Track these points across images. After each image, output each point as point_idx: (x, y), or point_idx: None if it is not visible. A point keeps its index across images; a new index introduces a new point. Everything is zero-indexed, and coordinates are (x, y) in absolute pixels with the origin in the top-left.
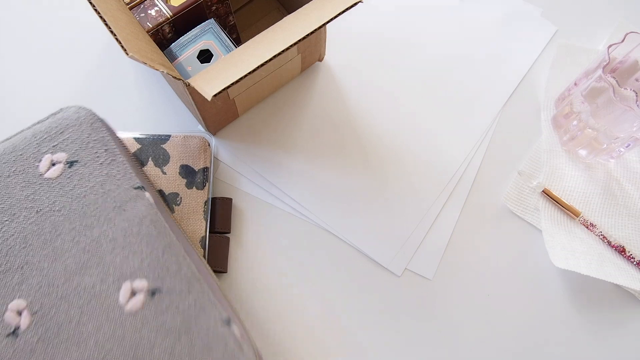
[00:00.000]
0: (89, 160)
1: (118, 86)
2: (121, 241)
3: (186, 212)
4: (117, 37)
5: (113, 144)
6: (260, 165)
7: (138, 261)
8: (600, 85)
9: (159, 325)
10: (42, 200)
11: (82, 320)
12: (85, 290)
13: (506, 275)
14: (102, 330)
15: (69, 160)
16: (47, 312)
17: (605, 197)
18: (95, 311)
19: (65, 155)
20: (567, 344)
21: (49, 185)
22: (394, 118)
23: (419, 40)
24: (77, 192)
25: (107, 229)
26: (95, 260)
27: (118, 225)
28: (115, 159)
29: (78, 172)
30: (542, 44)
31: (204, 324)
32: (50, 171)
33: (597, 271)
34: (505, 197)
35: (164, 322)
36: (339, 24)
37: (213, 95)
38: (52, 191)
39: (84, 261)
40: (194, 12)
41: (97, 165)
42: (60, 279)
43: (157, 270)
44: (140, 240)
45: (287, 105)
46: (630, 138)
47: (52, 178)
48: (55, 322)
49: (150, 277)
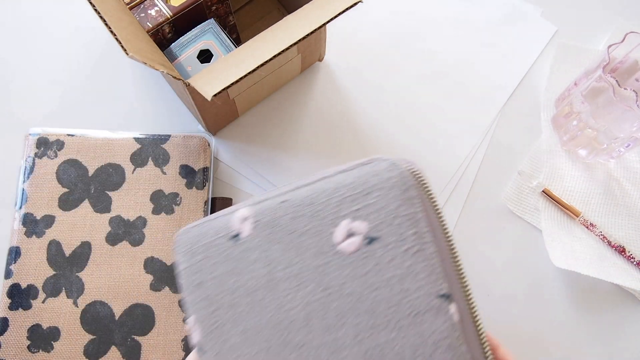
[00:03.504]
0: (392, 242)
1: (118, 86)
2: (408, 359)
3: (186, 212)
4: (117, 37)
5: (425, 227)
6: (260, 165)
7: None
8: (600, 85)
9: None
10: (331, 276)
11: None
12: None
13: (506, 275)
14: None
15: (369, 235)
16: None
17: (605, 197)
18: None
19: (366, 227)
20: (567, 344)
21: (341, 261)
22: (394, 118)
23: (419, 40)
24: (370, 280)
25: (396, 338)
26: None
27: (409, 338)
28: (424, 249)
29: (376, 254)
30: (542, 44)
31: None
32: (346, 243)
33: (597, 271)
34: (505, 197)
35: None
36: (339, 24)
37: (213, 95)
38: (343, 269)
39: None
40: (194, 12)
41: (400, 251)
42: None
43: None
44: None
45: (287, 105)
46: (630, 138)
47: (345, 253)
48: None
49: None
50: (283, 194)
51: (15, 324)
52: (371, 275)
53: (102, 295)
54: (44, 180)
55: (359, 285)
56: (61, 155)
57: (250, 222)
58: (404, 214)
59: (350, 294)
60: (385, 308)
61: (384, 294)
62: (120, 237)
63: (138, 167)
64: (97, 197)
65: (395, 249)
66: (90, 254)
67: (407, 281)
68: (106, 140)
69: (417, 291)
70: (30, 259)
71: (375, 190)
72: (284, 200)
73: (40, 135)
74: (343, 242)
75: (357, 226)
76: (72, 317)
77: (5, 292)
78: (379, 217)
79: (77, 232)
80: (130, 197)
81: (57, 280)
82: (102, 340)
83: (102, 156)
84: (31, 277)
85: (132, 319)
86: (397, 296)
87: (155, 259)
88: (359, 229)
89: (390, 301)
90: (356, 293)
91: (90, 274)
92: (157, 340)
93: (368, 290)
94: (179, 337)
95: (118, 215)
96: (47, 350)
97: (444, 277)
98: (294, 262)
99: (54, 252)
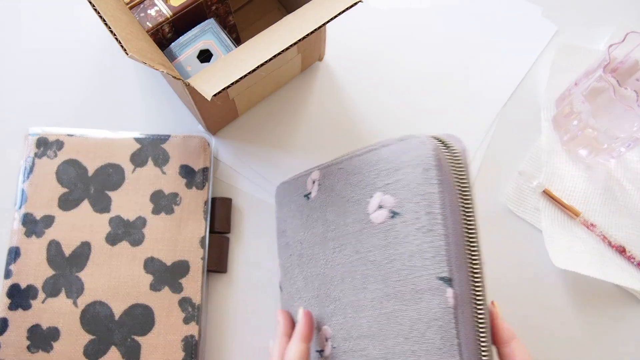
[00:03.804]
0: (409, 219)
1: (118, 86)
2: (406, 331)
3: (186, 212)
4: (117, 37)
5: (438, 207)
6: (260, 165)
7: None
8: (600, 85)
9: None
10: (362, 243)
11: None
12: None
13: (506, 275)
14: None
15: (394, 209)
16: (337, 355)
17: (605, 197)
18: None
19: (393, 202)
20: (567, 344)
21: (372, 230)
22: (394, 117)
23: (419, 40)
24: (388, 251)
25: (400, 309)
26: (380, 337)
27: (409, 311)
28: (433, 229)
29: (396, 228)
30: (542, 44)
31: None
32: (376, 214)
33: (597, 271)
34: (505, 197)
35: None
36: (339, 23)
37: (213, 95)
38: (372, 238)
39: (373, 331)
40: (193, 12)
41: (413, 229)
42: (354, 334)
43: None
44: (421, 345)
45: (287, 105)
46: (631, 138)
47: (375, 223)
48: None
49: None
50: (342, 162)
51: (15, 324)
52: (390, 247)
53: (101, 295)
54: (43, 180)
55: (379, 255)
56: (61, 155)
57: (317, 184)
58: (422, 192)
59: (373, 262)
60: (396, 280)
61: (397, 267)
62: (120, 237)
63: (138, 167)
64: (97, 197)
65: (411, 226)
66: (90, 254)
67: (415, 258)
68: (106, 140)
69: (421, 269)
70: (30, 259)
71: (404, 167)
72: (341, 168)
73: (40, 135)
74: (374, 212)
75: (386, 199)
76: (71, 317)
77: (4, 292)
78: (403, 194)
79: (77, 232)
80: (130, 197)
81: (56, 280)
82: (102, 341)
83: (102, 156)
84: (31, 277)
85: (131, 319)
86: (405, 271)
87: (155, 259)
88: (387, 202)
89: (400, 274)
90: (377, 262)
91: (90, 274)
92: (157, 340)
93: (386, 261)
94: (179, 337)
95: (118, 215)
96: (47, 351)
97: (446, 261)
98: (340, 225)
99: (54, 252)
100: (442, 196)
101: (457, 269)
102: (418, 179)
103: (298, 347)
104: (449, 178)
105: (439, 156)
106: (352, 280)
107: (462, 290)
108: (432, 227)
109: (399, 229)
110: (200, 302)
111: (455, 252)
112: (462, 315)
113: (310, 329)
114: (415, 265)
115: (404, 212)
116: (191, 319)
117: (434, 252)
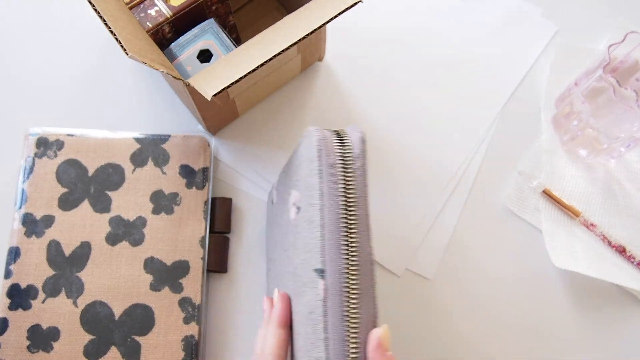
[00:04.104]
0: (304, 213)
1: (118, 86)
2: (306, 329)
3: (186, 212)
4: (117, 37)
5: (317, 198)
6: (260, 165)
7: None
8: (600, 85)
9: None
10: (284, 241)
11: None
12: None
13: (506, 275)
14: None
15: (298, 204)
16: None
17: (605, 197)
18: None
19: (299, 197)
20: (567, 344)
21: (289, 227)
22: (394, 118)
23: (419, 40)
24: (296, 246)
25: (299, 307)
26: (300, 333)
27: (301, 306)
28: (314, 221)
29: (299, 222)
30: (542, 44)
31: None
32: (291, 211)
33: (597, 271)
34: (505, 197)
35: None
36: (339, 23)
37: (213, 95)
38: (289, 235)
39: (297, 330)
40: (193, 12)
41: (305, 222)
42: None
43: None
44: (306, 341)
45: (287, 105)
46: (631, 138)
47: (291, 220)
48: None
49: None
50: (285, 165)
51: (15, 324)
52: (296, 242)
53: (101, 295)
54: (43, 180)
55: (292, 251)
56: (61, 155)
57: (274, 189)
58: (309, 185)
59: (289, 258)
60: (296, 276)
61: (297, 262)
62: (120, 237)
63: (138, 167)
64: (97, 197)
65: (304, 219)
66: (90, 254)
67: (305, 251)
68: (106, 140)
69: (306, 262)
70: (30, 259)
71: (302, 161)
72: (283, 171)
73: (40, 135)
74: (291, 210)
75: (295, 196)
76: (71, 317)
77: (4, 292)
78: (302, 188)
79: (77, 232)
80: (130, 197)
81: (56, 280)
82: (102, 341)
83: (102, 156)
84: (31, 277)
85: (132, 319)
86: (301, 264)
87: (155, 259)
88: (295, 197)
89: (297, 269)
90: (291, 258)
91: (90, 274)
92: (157, 340)
93: (294, 256)
94: (179, 337)
95: (118, 215)
96: (47, 351)
97: (320, 252)
98: (281, 225)
99: (54, 252)
100: (320, 186)
101: (331, 260)
102: (306, 171)
103: (275, 333)
104: (332, 168)
105: (321, 147)
106: (282, 279)
107: (333, 281)
108: (313, 219)
109: (299, 224)
110: (200, 302)
111: (330, 242)
112: (331, 309)
113: (286, 312)
114: (305, 259)
115: (302, 206)
116: (191, 319)
117: (313, 243)
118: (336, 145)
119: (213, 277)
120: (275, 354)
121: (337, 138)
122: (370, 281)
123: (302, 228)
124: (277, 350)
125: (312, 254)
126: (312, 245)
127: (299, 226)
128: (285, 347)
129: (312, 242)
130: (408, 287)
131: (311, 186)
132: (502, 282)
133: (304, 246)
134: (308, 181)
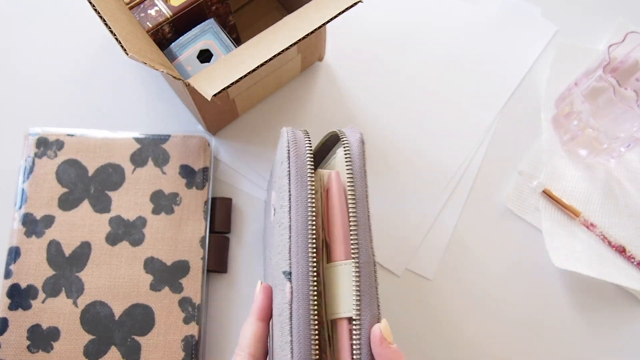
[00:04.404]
0: (277, 217)
1: (118, 86)
2: (282, 332)
3: (186, 212)
4: (117, 37)
5: (286, 200)
6: (260, 165)
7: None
8: (600, 85)
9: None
10: (266, 242)
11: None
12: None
13: (506, 275)
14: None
15: (275, 205)
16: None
17: (605, 197)
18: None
19: (275, 197)
20: (567, 344)
21: (271, 225)
22: (394, 118)
23: (419, 40)
24: (274, 244)
25: (280, 303)
26: (278, 333)
27: (275, 309)
28: (283, 222)
29: (274, 225)
30: (542, 44)
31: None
32: (272, 212)
33: (597, 271)
34: (505, 197)
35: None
36: (339, 23)
37: (213, 95)
38: (271, 233)
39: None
40: (193, 12)
41: (277, 225)
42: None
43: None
44: (277, 335)
45: (287, 105)
46: (631, 138)
47: (271, 220)
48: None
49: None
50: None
51: (15, 324)
52: (273, 242)
53: (102, 295)
54: (43, 180)
55: (270, 248)
56: (61, 155)
57: (266, 192)
58: (281, 186)
59: (270, 260)
60: (274, 274)
61: (274, 261)
62: (120, 237)
63: (138, 167)
64: (97, 197)
65: (276, 221)
66: (90, 254)
67: (277, 252)
68: (106, 140)
69: (278, 264)
70: (30, 259)
71: (277, 162)
72: (273, 172)
73: (40, 135)
74: (271, 210)
75: (274, 196)
76: (72, 317)
77: (5, 292)
78: (277, 188)
79: (77, 232)
80: (130, 197)
81: (56, 280)
82: (102, 341)
83: (102, 156)
84: (31, 277)
85: (132, 319)
86: (275, 265)
87: (155, 259)
88: (274, 199)
89: (275, 269)
90: (270, 256)
91: (90, 274)
92: (157, 340)
93: (272, 255)
94: (179, 337)
95: (118, 215)
96: (47, 351)
97: (288, 253)
98: (268, 227)
99: (54, 252)
100: (289, 187)
101: (297, 262)
102: (279, 172)
103: (253, 326)
104: (300, 169)
105: (289, 148)
106: (268, 279)
107: (299, 284)
108: (283, 220)
109: (275, 225)
110: (200, 302)
111: (297, 244)
112: (296, 311)
113: (267, 304)
114: (277, 261)
115: (277, 208)
116: (191, 319)
117: (282, 245)
118: (307, 145)
119: (213, 277)
120: (250, 345)
121: (307, 137)
122: (373, 282)
123: (276, 229)
124: (254, 342)
125: (282, 256)
126: (282, 247)
127: (275, 227)
128: (262, 340)
129: (282, 244)
130: (408, 287)
131: (282, 187)
132: (502, 282)
133: (276, 248)
134: (280, 182)
